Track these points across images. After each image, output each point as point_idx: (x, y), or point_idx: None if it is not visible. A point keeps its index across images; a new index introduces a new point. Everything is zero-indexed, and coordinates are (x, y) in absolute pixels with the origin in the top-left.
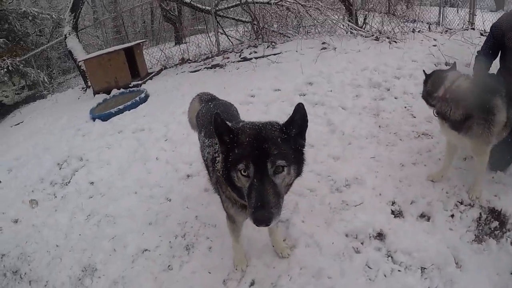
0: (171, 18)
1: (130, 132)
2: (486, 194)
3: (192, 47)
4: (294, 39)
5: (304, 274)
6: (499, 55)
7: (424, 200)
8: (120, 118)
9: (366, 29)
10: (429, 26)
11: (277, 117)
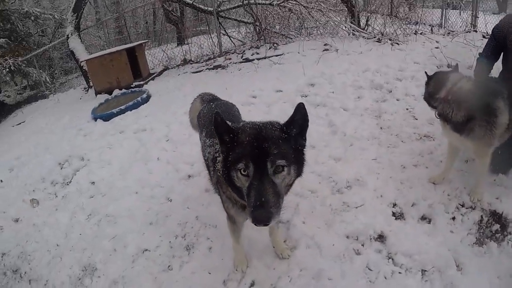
0: (173, 19)
1: (131, 132)
2: (487, 196)
3: (194, 48)
4: (296, 41)
5: (304, 276)
6: (501, 57)
7: (425, 202)
8: (121, 118)
9: (368, 30)
10: (431, 28)
11: (278, 118)
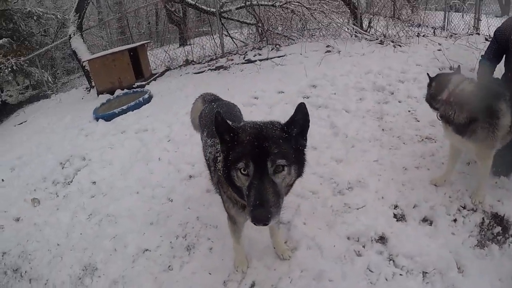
0: (176, 20)
1: (133, 132)
2: (489, 199)
3: (196, 49)
4: (298, 42)
5: (305, 277)
6: (504, 60)
7: (426, 204)
8: (123, 119)
9: (370, 32)
10: (434, 31)
11: (280, 119)
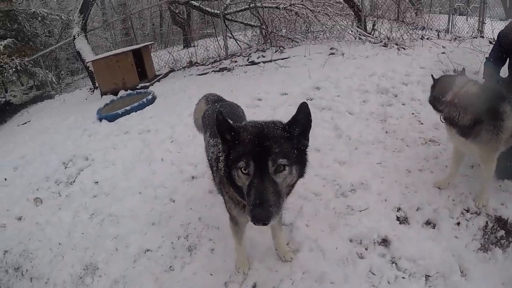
0: (180, 21)
1: (136, 133)
2: (493, 202)
3: (200, 51)
4: (302, 44)
5: (306, 279)
6: (508, 62)
7: (430, 207)
8: (126, 119)
9: (374, 35)
10: (438, 34)
11: (283, 120)
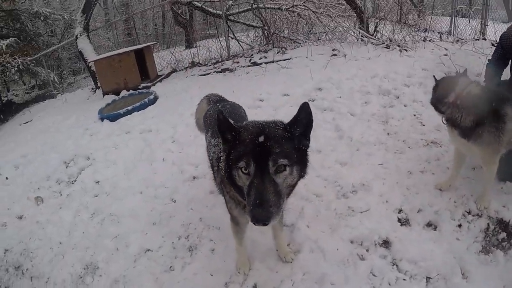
0: (182, 22)
1: (137, 132)
2: (494, 204)
3: (202, 51)
4: (304, 45)
5: (307, 280)
6: (510, 64)
7: (431, 208)
8: (128, 119)
9: (377, 37)
10: (440, 36)
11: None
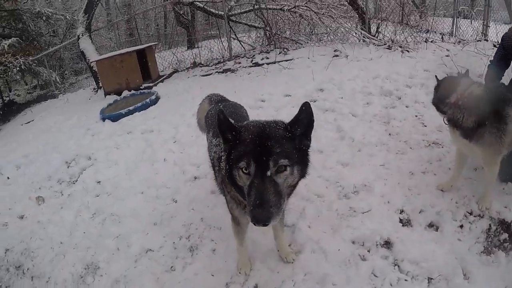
0: (184, 22)
1: (139, 133)
2: (496, 205)
3: (204, 52)
4: (306, 46)
5: (308, 280)
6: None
7: (433, 209)
8: (129, 119)
9: (378, 37)
10: (442, 37)
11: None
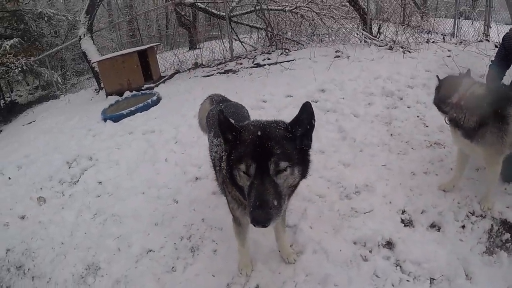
0: (186, 23)
1: (140, 133)
2: (498, 205)
3: (205, 52)
4: (307, 47)
5: (310, 281)
6: None
7: (435, 209)
8: (131, 120)
9: (380, 38)
10: (443, 37)
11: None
